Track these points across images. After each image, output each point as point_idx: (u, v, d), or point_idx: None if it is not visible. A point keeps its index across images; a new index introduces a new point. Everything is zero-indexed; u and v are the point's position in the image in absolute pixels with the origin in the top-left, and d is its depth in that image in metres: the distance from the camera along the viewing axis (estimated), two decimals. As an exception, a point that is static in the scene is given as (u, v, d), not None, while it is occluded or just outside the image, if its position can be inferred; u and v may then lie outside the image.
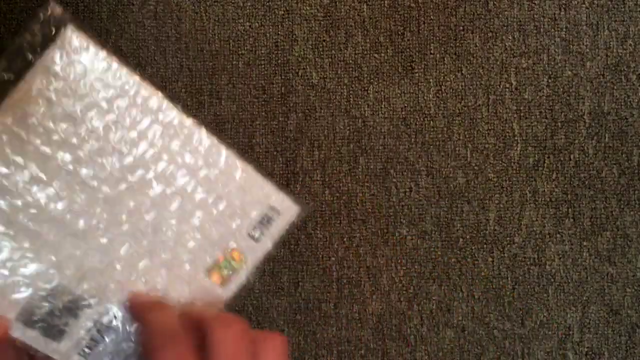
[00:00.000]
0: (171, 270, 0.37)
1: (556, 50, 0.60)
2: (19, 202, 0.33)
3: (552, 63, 0.60)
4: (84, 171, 0.34)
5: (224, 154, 0.37)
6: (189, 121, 0.36)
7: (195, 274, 0.37)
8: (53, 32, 0.33)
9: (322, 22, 0.60)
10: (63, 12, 0.34)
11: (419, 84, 0.60)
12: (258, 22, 0.60)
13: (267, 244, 0.38)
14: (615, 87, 0.60)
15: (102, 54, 0.34)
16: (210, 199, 0.37)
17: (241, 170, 0.37)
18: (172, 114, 0.36)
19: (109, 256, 0.35)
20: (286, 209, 0.38)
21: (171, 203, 0.36)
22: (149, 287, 0.36)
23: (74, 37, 0.34)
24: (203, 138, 0.36)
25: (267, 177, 0.38)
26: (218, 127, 0.59)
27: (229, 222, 0.37)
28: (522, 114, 0.60)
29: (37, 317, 0.34)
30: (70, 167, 0.34)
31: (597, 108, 0.60)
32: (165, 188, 0.36)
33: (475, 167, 0.60)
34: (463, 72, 0.60)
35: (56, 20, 0.33)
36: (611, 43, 0.60)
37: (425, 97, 0.60)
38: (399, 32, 0.60)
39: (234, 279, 0.38)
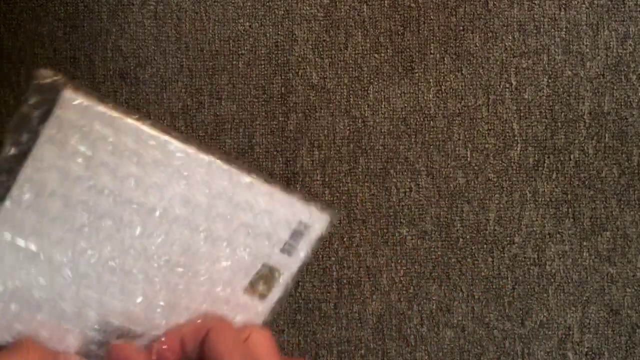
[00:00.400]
0: (209, 294, 0.38)
1: (556, 50, 0.60)
2: (53, 266, 0.34)
3: (552, 63, 0.60)
4: (106, 223, 0.35)
5: (245, 182, 0.37)
6: (203, 155, 0.36)
7: (233, 294, 0.38)
8: (52, 99, 0.33)
9: (322, 22, 0.60)
10: (57, 76, 0.34)
11: (419, 84, 0.60)
12: (258, 22, 0.60)
13: (300, 256, 0.39)
14: (615, 87, 0.60)
15: (103, 109, 0.35)
16: (236, 227, 0.37)
17: (265, 195, 0.37)
18: (186, 152, 0.36)
19: (149, 293, 0.36)
20: (316, 221, 0.39)
21: (198, 235, 0.37)
22: (192, 312, 0.37)
23: (72, 101, 0.34)
24: (221, 169, 0.37)
25: (290, 192, 0.38)
26: (218, 127, 0.59)
27: (259, 244, 0.38)
28: (522, 114, 0.60)
29: (95, 350, 0.36)
30: (94, 223, 0.35)
31: (597, 108, 0.60)
32: (190, 223, 0.37)
33: (475, 167, 0.60)
34: (463, 72, 0.60)
35: (52, 86, 0.34)
36: (611, 43, 0.60)
37: (425, 97, 0.60)
38: (399, 32, 0.60)
39: (272, 292, 0.39)
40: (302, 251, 0.39)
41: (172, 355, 0.36)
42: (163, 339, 0.36)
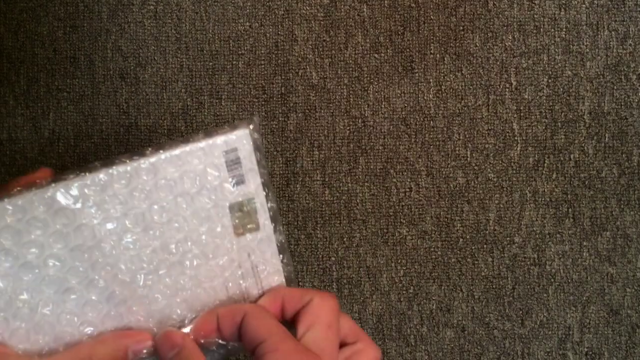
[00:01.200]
0: (215, 258, 0.38)
1: (556, 50, 0.60)
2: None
3: (552, 63, 0.60)
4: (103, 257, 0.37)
5: (152, 161, 0.38)
6: (103, 174, 0.37)
7: (229, 245, 0.39)
8: None
9: (322, 22, 0.60)
10: None
11: (419, 84, 0.60)
12: (258, 22, 0.60)
13: (252, 176, 0.39)
14: (615, 87, 0.60)
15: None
16: (185, 200, 0.38)
17: (179, 156, 0.38)
18: (101, 177, 0.37)
19: (166, 296, 0.38)
20: (238, 140, 0.39)
21: (169, 229, 0.38)
22: (212, 286, 0.38)
23: None
24: (148, 165, 0.38)
25: (196, 137, 0.39)
26: (218, 127, 0.59)
27: (212, 197, 0.39)
28: (522, 114, 0.60)
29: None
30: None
31: (597, 108, 0.60)
32: (160, 226, 0.38)
33: (475, 167, 0.60)
34: (463, 72, 0.60)
35: None
36: (611, 43, 0.60)
37: (425, 97, 0.60)
38: (399, 32, 0.60)
39: (260, 219, 0.39)
40: (251, 171, 0.39)
41: (208, 335, 0.36)
42: (199, 320, 0.37)
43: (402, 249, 0.59)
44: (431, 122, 0.60)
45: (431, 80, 0.60)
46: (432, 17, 0.60)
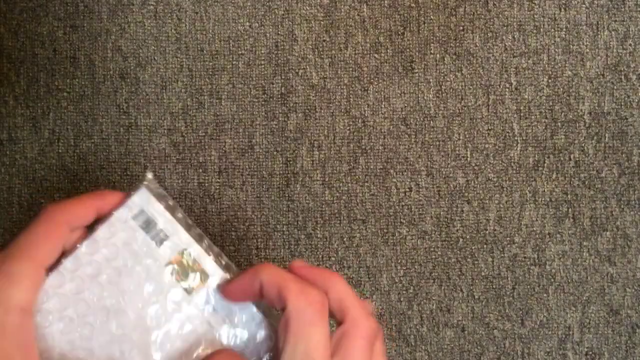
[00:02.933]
0: (180, 329, 0.38)
1: (556, 50, 0.60)
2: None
3: (552, 63, 0.60)
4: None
5: (84, 247, 0.38)
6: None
7: (189, 305, 0.38)
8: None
9: (322, 22, 0.60)
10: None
11: (419, 84, 0.60)
12: (258, 22, 0.60)
13: (173, 225, 0.38)
14: (615, 87, 0.60)
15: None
16: (123, 271, 0.38)
17: (101, 238, 0.38)
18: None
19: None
20: (139, 201, 0.38)
21: (120, 306, 0.38)
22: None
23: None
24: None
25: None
26: (218, 127, 0.59)
27: (144, 264, 0.38)
28: (522, 114, 0.60)
29: None
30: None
31: (597, 108, 0.60)
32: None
33: (475, 167, 0.60)
34: (463, 72, 0.60)
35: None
36: (611, 43, 0.60)
37: (425, 97, 0.60)
38: (399, 32, 0.60)
39: (201, 261, 0.38)
40: (169, 223, 0.38)
41: None
42: None
43: (402, 249, 0.59)
44: (431, 122, 0.60)
45: (431, 80, 0.60)
46: (432, 17, 0.60)
